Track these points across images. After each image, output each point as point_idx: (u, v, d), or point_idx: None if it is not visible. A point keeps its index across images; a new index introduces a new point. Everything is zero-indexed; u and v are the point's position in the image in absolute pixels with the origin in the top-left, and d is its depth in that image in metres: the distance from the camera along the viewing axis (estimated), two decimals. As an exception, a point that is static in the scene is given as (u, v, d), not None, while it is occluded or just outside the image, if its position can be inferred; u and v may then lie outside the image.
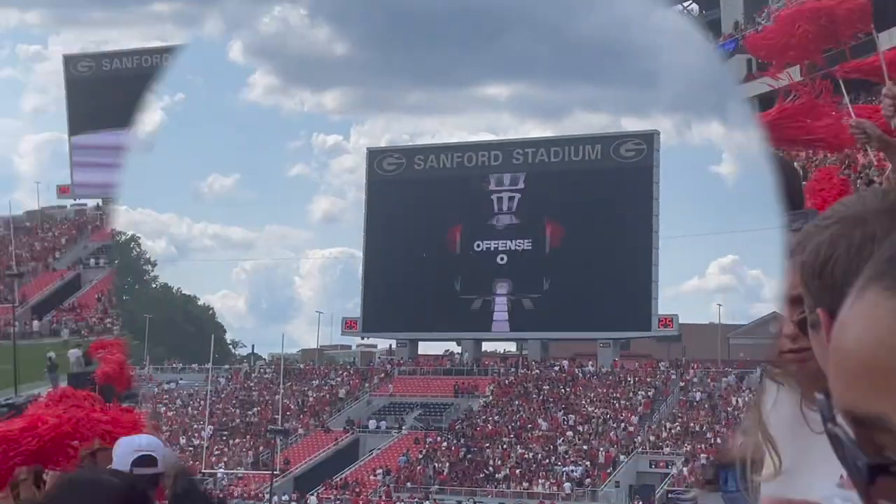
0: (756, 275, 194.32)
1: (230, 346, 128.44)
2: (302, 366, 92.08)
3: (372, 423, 72.40)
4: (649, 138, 79.95)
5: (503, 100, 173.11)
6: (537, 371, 76.65)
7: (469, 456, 67.38)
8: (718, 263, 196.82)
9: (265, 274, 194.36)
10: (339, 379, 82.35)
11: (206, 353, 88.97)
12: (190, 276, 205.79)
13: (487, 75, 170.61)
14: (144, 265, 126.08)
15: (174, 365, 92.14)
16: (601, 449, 63.98)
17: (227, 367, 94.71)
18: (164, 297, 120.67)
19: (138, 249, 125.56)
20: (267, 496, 64.07)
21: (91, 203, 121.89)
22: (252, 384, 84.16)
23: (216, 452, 72.61)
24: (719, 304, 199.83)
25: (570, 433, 65.99)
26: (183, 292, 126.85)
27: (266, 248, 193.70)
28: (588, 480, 63.31)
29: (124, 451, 5.48)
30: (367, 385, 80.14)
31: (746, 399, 68.07)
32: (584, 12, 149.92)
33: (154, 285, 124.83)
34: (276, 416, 73.55)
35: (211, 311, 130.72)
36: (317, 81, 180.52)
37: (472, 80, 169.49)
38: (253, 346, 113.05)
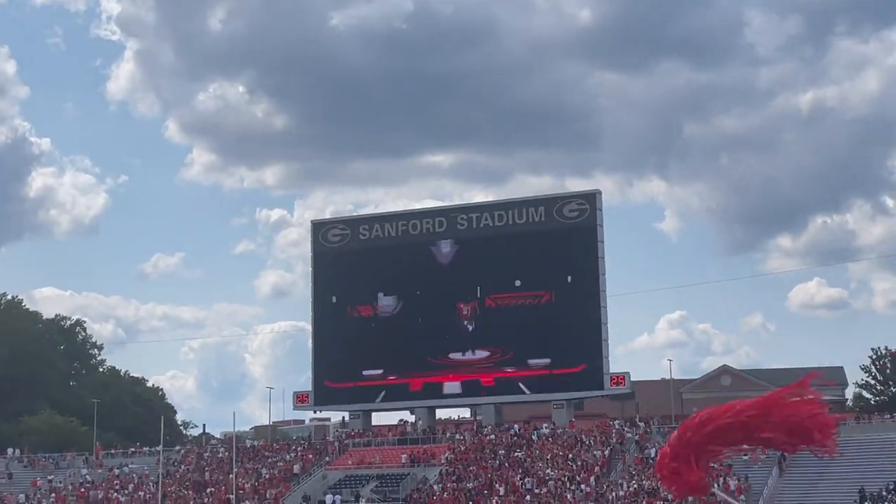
0: (705, 328, 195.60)
1: (181, 427, 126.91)
2: (255, 443, 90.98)
3: (328, 498, 71.47)
4: (592, 198, 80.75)
5: (446, 167, 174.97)
6: (492, 436, 76.34)
7: (428, 526, 66.66)
8: (667, 319, 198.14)
9: (215, 352, 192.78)
10: (293, 454, 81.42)
11: (156, 436, 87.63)
12: (138, 357, 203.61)
13: (429, 143, 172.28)
14: (91, 349, 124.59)
15: (123, 450, 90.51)
16: (560, 511, 63.58)
17: (178, 448, 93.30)
18: (112, 380, 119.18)
19: (84, 334, 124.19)
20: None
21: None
22: (205, 464, 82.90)
23: (170, 536, 71.15)
24: (670, 360, 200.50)
25: (528, 497, 65.61)
26: (131, 375, 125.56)
27: (216, 326, 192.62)
28: (549, 544, 62.77)
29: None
30: (321, 459, 79.30)
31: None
32: (522, 78, 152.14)
33: (101, 369, 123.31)
34: (231, 496, 72.38)
35: (160, 393, 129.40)
36: (256, 157, 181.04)
37: (413, 148, 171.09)
38: (204, 426, 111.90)
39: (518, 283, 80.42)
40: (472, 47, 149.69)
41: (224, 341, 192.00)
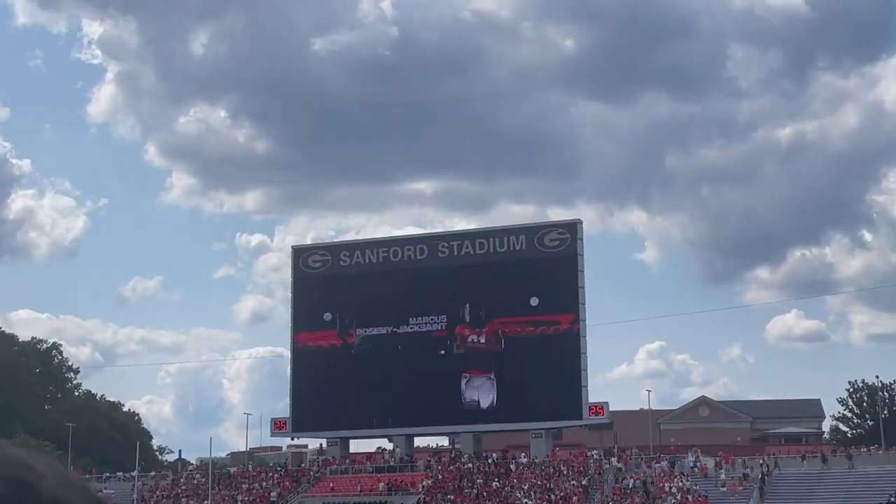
0: (684, 359, 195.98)
1: (157, 453, 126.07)
2: (232, 469, 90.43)
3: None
4: (573, 228, 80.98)
5: (429, 194, 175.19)
6: (470, 464, 76.10)
7: (404, 554, 66.33)
8: (646, 349, 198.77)
9: (192, 377, 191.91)
10: (270, 481, 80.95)
11: (132, 461, 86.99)
12: (114, 382, 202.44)
13: (412, 170, 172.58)
14: (67, 373, 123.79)
15: (98, 476, 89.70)
16: (537, 541, 63.41)
17: (153, 473, 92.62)
18: (88, 404, 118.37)
19: (60, 357, 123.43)
20: None
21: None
22: (180, 490, 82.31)
23: (144, 563, 70.51)
24: (648, 390, 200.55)
25: (505, 526, 65.39)
26: (107, 399, 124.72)
27: (194, 351, 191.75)
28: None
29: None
30: (298, 486, 78.84)
31: (680, 485, 68.17)
32: (506, 106, 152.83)
33: (77, 393, 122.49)
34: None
35: (136, 417, 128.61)
36: (237, 182, 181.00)
37: (396, 175, 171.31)
38: (180, 452, 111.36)
39: (499, 311, 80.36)
40: (457, 75, 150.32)
41: (202, 366, 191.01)
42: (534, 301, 79.27)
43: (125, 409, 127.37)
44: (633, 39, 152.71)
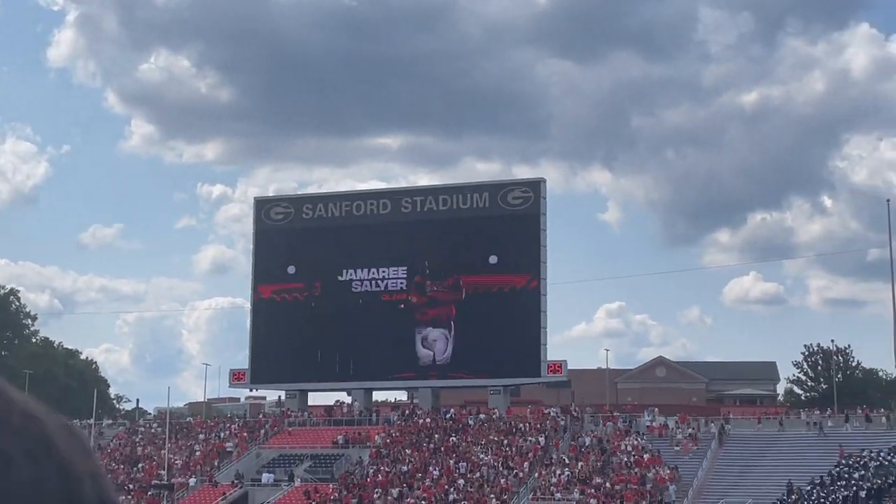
0: (642, 319, 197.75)
1: (114, 401, 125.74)
2: (189, 419, 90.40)
3: (264, 476, 71.24)
4: (536, 186, 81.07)
5: (394, 149, 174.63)
6: (428, 419, 76.49)
7: (360, 507, 66.71)
8: (606, 309, 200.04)
9: (150, 326, 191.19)
10: (227, 432, 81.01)
11: (89, 409, 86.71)
12: (72, 329, 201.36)
13: (377, 125, 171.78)
14: (24, 319, 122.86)
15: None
16: (493, 496, 63.98)
17: (110, 422, 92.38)
18: (45, 351, 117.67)
19: (17, 303, 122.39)
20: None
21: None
22: (137, 439, 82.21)
23: (100, 511, 70.20)
24: (607, 350, 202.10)
25: (461, 481, 65.89)
26: (65, 346, 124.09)
27: (154, 300, 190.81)
28: (480, 528, 63.12)
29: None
30: (256, 438, 78.96)
31: (635, 443, 68.92)
32: (474, 63, 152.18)
33: (34, 339, 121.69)
34: (162, 472, 71.87)
35: (94, 366, 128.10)
36: (197, 131, 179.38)
37: (361, 129, 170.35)
38: (138, 401, 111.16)
39: (460, 267, 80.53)
40: (426, 29, 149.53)
41: (161, 315, 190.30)
42: (493, 259, 79.44)
43: (83, 356, 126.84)
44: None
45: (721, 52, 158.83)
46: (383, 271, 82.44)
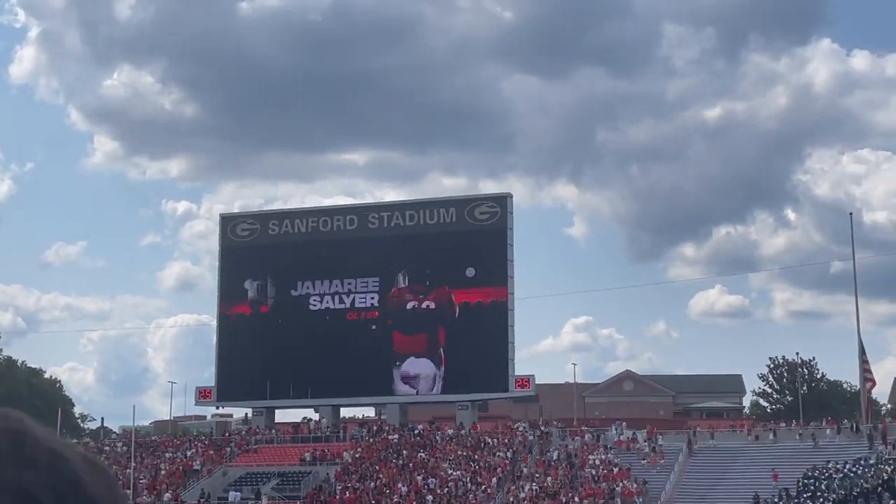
0: (609, 333, 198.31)
1: (79, 420, 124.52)
2: (155, 438, 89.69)
3: (231, 495, 70.72)
4: (503, 201, 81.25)
5: (360, 164, 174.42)
6: (396, 436, 76.29)
7: (329, 524, 66.39)
8: (573, 323, 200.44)
9: (115, 344, 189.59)
10: (193, 450, 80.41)
11: (53, 428, 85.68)
12: (36, 348, 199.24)
13: (343, 140, 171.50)
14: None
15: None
16: (461, 512, 63.84)
17: (74, 441, 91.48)
18: (8, 370, 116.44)
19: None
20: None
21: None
22: (103, 458, 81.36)
23: (64, 531, 69.44)
24: (574, 364, 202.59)
25: (429, 497, 65.73)
26: (28, 365, 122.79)
27: (119, 318, 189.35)
28: (449, 544, 62.96)
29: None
30: (223, 456, 78.41)
31: (603, 457, 69.03)
32: (440, 77, 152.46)
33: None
34: (128, 491, 71.20)
35: (58, 384, 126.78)
36: (160, 147, 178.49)
37: (326, 144, 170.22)
38: (103, 419, 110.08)
39: (427, 283, 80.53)
40: (391, 44, 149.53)
41: (126, 333, 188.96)
42: (464, 274, 79.49)
43: (47, 375, 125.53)
44: (570, 15, 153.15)
45: (685, 68, 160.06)
46: (352, 288, 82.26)
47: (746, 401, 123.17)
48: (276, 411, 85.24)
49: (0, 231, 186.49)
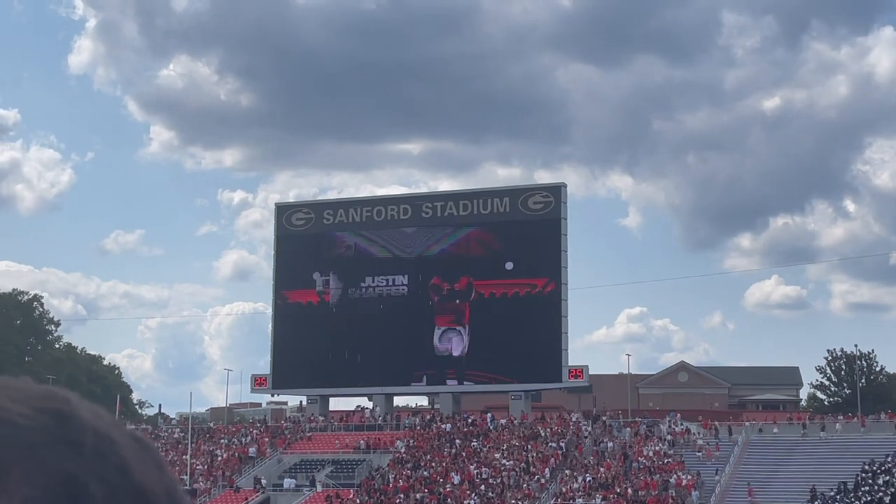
0: (663, 324, 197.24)
1: (137, 407, 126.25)
2: (211, 424, 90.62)
3: (286, 482, 71.33)
4: (557, 191, 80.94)
5: (415, 154, 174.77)
6: (449, 425, 76.43)
7: (382, 512, 66.73)
8: (627, 313, 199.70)
9: (173, 331, 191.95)
10: (248, 437, 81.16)
11: (111, 415, 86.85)
12: (95, 335, 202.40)
13: (398, 130, 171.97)
14: (48, 325, 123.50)
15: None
16: (514, 502, 63.87)
17: (133, 427, 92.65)
18: (69, 357, 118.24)
19: (41, 309, 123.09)
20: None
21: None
22: (160, 445, 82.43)
23: (122, 516, 70.46)
24: (628, 355, 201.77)
25: (482, 487, 65.80)
26: (88, 352, 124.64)
27: (177, 306, 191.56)
28: (502, 534, 63.05)
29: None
30: (277, 443, 79.06)
31: (657, 448, 68.66)
32: (496, 67, 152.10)
33: (58, 345, 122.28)
34: (185, 477, 72.06)
35: (117, 371, 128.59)
36: (217, 137, 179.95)
37: (382, 134, 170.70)
38: (160, 406, 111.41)
39: (481, 273, 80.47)
40: (446, 33, 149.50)
41: (183, 321, 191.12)
42: (518, 263, 79.35)
43: (105, 362, 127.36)
44: (628, 3, 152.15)
45: (744, 56, 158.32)
46: (405, 277, 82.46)
47: (804, 393, 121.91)
48: (331, 399, 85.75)
49: (60, 220, 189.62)
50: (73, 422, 1.29)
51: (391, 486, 68.16)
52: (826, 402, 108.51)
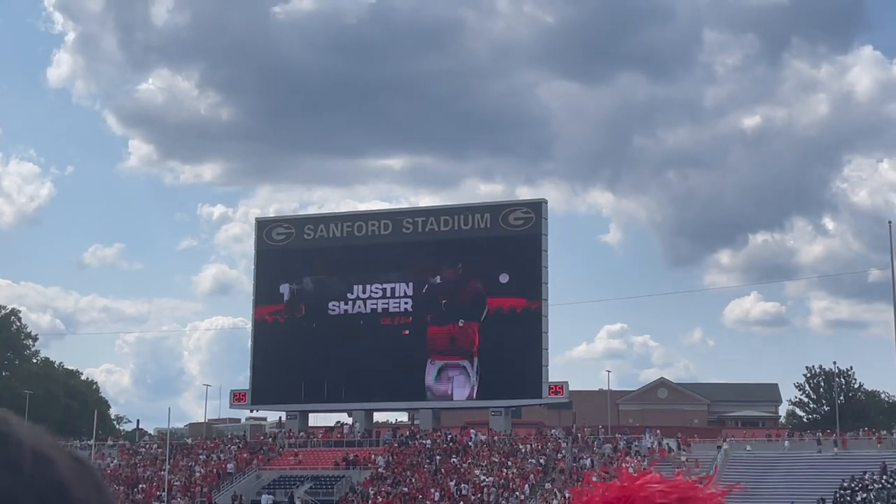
0: (643, 340, 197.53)
1: (115, 422, 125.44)
2: (190, 440, 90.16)
3: (264, 498, 70.96)
4: (537, 207, 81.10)
5: (396, 170, 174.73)
6: (429, 441, 76.27)
7: (361, 529, 66.47)
8: (607, 329, 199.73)
9: (151, 346, 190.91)
10: (227, 453, 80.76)
11: (89, 429, 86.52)
12: (73, 350, 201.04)
13: (379, 145, 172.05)
14: (25, 339, 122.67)
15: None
16: (494, 518, 63.75)
17: (110, 443, 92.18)
18: (46, 372, 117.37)
19: (18, 323, 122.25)
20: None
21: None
22: (138, 461, 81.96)
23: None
24: (608, 371, 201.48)
25: (461, 503, 65.65)
26: (66, 367, 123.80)
27: (157, 321, 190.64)
28: (481, 550, 62.86)
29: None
30: (256, 459, 78.72)
31: (636, 464, 68.64)
32: (478, 83, 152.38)
33: (35, 360, 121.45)
34: (162, 493, 71.63)
35: (94, 386, 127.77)
36: (196, 151, 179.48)
37: (363, 149, 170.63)
38: (138, 421, 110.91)
39: (460, 289, 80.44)
40: (429, 49, 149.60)
41: (161, 336, 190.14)
42: (503, 278, 79.36)
43: (83, 377, 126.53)
44: (610, 20, 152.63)
45: (725, 74, 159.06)
46: (384, 290, 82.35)
47: (782, 410, 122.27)
48: (310, 415, 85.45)
49: (39, 233, 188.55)
50: (10, 441, 1.27)
51: (370, 502, 67.94)
52: (805, 419, 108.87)
